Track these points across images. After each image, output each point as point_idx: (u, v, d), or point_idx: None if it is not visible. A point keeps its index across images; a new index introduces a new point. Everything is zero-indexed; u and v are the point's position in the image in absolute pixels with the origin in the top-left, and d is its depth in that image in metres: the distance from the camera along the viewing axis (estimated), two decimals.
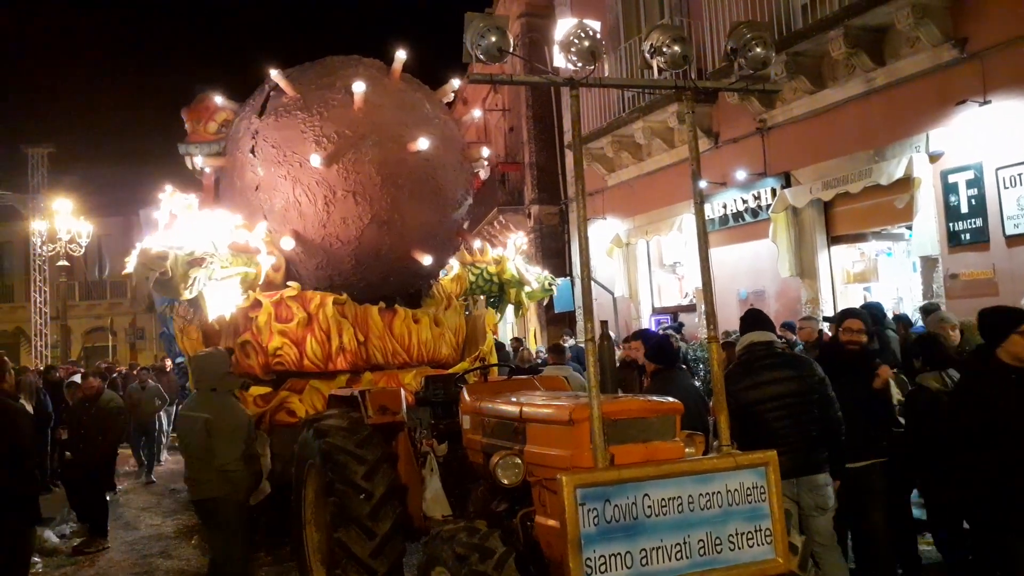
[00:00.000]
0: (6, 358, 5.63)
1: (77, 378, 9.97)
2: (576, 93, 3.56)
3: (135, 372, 16.20)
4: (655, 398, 3.93)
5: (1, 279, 31.43)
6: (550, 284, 10.82)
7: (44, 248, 22.62)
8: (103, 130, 50.63)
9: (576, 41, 3.53)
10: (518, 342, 17.71)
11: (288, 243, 7.48)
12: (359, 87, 7.26)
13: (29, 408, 8.22)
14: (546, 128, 19.47)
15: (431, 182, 7.64)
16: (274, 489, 6.16)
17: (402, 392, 5.55)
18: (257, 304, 7.36)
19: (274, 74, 7.56)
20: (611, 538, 3.13)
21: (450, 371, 6.99)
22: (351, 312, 7.51)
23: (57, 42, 53.16)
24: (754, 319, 5.04)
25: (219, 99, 8.36)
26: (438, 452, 5.12)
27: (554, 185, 18.70)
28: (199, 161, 8.25)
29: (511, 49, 3.53)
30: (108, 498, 9.26)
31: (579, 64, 3.57)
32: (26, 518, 5.19)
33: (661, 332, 10.56)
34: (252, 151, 7.59)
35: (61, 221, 22.24)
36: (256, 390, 7.18)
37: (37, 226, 23.05)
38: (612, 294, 14.81)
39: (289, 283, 7.57)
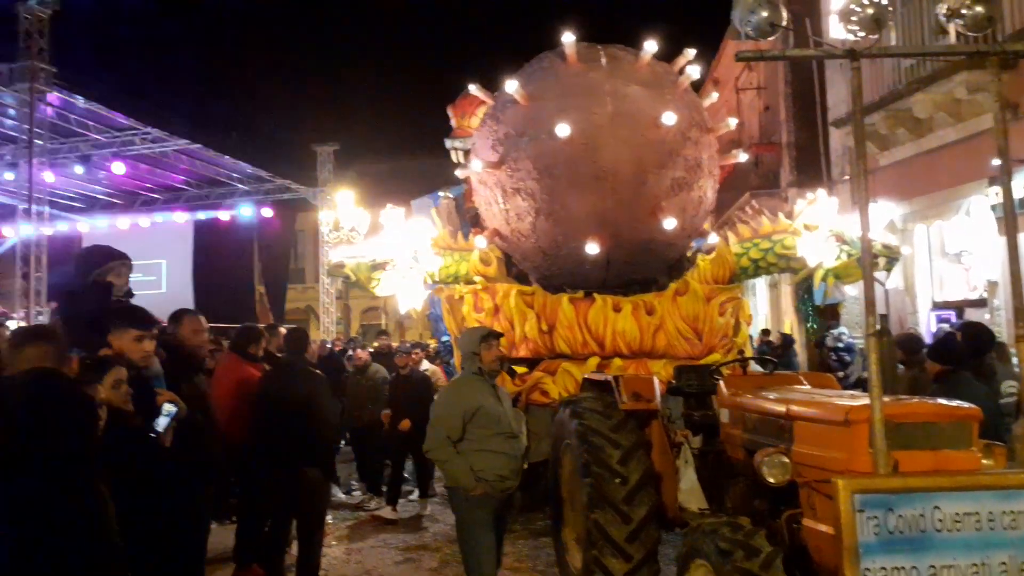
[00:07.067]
0: (306, 331, 6.44)
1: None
2: (858, 65, 3.29)
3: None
4: (946, 402, 3.55)
5: (295, 263, 35.88)
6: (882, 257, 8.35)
7: (331, 235, 25.44)
8: (380, 128, 55.78)
9: (858, 9, 3.27)
10: (766, 334, 16.88)
11: (480, 241, 8.17)
12: (511, 85, 7.50)
13: None
14: (806, 105, 18.18)
15: (591, 166, 7.24)
16: (529, 466, 6.43)
17: (655, 380, 5.52)
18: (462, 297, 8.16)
19: (472, 88, 8.14)
20: (894, 550, 2.89)
21: (703, 362, 6.84)
22: (539, 302, 7.73)
23: (341, 50, 59.56)
24: None
25: (479, 93, 8.78)
26: (693, 443, 5.03)
27: (815, 167, 17.44)
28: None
29: (783, 23, 3.35)
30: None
31: (861, 34, 3.30)
32: (325, 473, 5.91)
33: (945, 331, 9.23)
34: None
35: (343, 212, 24.93)
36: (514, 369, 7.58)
37: (324, 216, 26.01)
38: (884, 286, 13.51)
39: (479, 277, 8.03)
